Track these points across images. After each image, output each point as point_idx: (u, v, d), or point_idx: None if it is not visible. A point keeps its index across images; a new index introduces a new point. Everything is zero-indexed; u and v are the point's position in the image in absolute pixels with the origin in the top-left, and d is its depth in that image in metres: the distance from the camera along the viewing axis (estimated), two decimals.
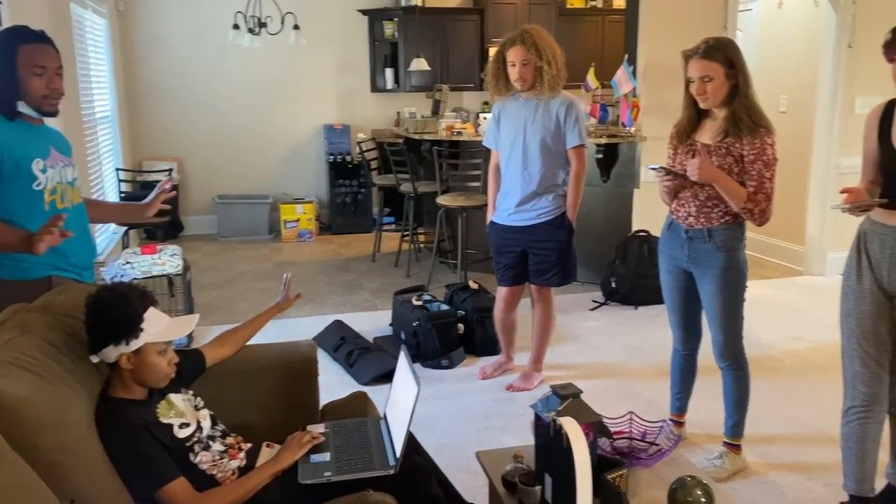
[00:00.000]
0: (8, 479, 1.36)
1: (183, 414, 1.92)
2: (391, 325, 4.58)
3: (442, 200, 5.34)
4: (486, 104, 7.89)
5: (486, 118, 6.14)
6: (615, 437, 2.19)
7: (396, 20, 7.66)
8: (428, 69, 7.35)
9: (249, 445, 2.08)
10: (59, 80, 2.31)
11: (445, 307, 4.28)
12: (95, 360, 1.82)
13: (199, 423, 1.96)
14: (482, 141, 3.82)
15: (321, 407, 2.41)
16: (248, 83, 7.59)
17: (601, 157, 5.36)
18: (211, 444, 1.95)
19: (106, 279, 3.94)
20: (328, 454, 2.03)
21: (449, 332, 4.14)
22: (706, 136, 2.74)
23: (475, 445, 2.80)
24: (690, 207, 2.76)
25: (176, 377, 1.96)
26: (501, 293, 3.80)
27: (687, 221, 2.79)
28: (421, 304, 4.27)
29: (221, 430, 2.04)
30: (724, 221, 2.72)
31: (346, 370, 3.98)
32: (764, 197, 2.64)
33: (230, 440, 2.04)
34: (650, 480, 2.02)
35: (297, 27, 6.26)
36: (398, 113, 7.80)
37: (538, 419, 1.92)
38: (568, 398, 1.89)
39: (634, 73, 5.28)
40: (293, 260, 6.59)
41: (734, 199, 2.64)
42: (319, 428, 2.16)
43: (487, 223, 3.75)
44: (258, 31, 6.20)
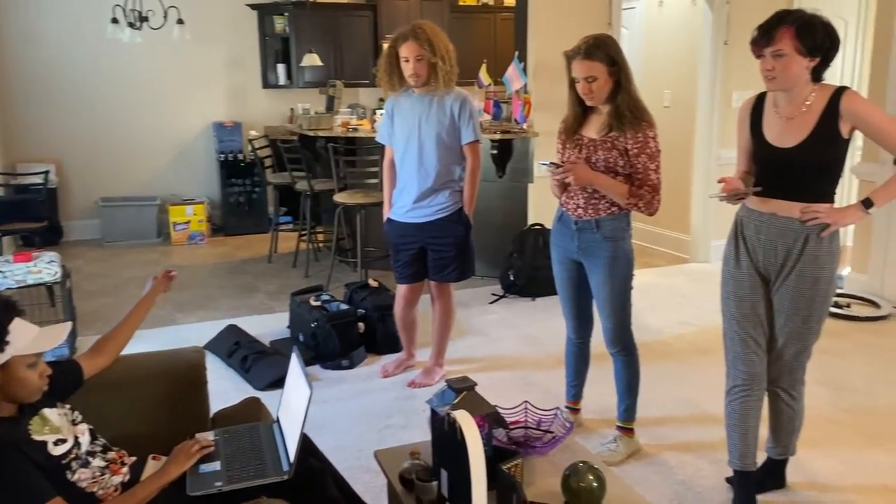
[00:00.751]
0: None
1: (58, 430, 1.80)
2: (289, 327, 4.47)
3: (339, 198, 5.27)
4: (382, 100, 7.83)
5: (382, 114, 6.10)
6: (511, 427, 2.21)
7: (287, 15, 7.50)
8: (321, 65, 7.24)
9: (134, 459, 1.98)
10: None
11: (345, 306, 4.22)
12: None
13: (76, 438, 1.84)
14: (376, 136, 3.79)
15: (212, 415, 2.32)
16: (130, 80, 7.24)
17: (496, 152, 5.42)
18: (90, 460, 1.84)
19: None
20: (218, 463, 1.95)
21: (349, 331, 4.09)
22: (592, 130, 2.81)
23: (376, 445, 2.78)
24: (579, 200, 2.84)
25: (50, 391, 1.84)
26: (401, 290, 3.78)
27: (576, 213, 2.86)
28: (319, 304, 4.20)
29: (102, 444, 1.93)
30: (610, 212, 2.80)
31: (241, 376, 3.86)
32: (649, 189, 2.74)
33: (112, 455, 1.93)
34: (545, 468, 2.05)
35: (181, 21, 6.02)
36: (291, 109, 7.63)
37: (434, 414, 1.91)
38: (463, 391, 1.89)
39: (525, 69, 5.37)
40: (184, 263, 6.35)
41: (616, 196, 2.75)
42: (209, 436, 2.08)
43: (384, 220, 3.72)
44: (139, 25, 5.92)
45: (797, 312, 2.43)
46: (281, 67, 7.64)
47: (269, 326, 4.56)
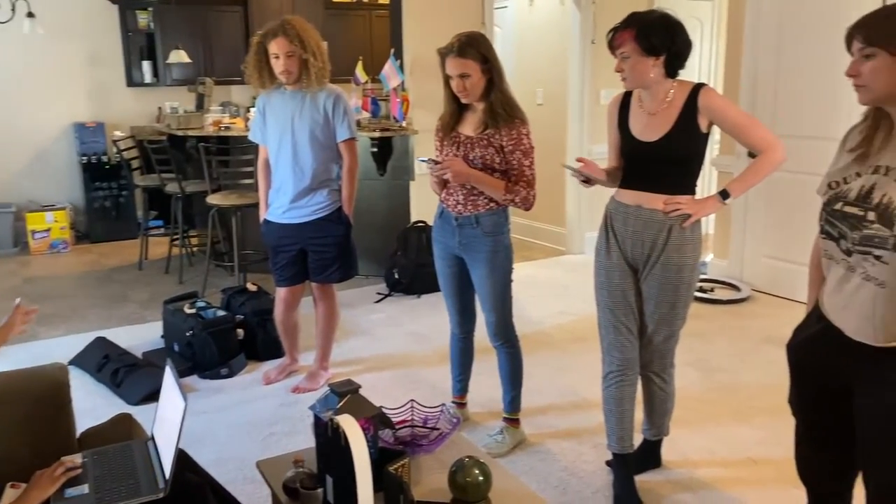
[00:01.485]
0: None
1: None
2: (163, 337, 4.27)
3: (213, 200, 5.07)
4: (255, 98, 7.61)
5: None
6: (397, 426, 2.20)
7: (151, 10, 7.15)
8: (189, 62, 6.95)
9: None
10: None
11: (222, 313, 4.07)
12: None
13: None
14: (249, 136, 3.67)
15: (79, 435, 2.17)
16: None
17: (376, 150, 5.39)
18: None
19: None
20: (87, 486, 1.83)
21: (227, 338, 3.94)
22: (469, 128, 2.85)
23: (260, 454, 2.70)
24: (458, 196, 2.87)
25: None
26: (281, 294, 3.68)
27: (456, 210, 2.89)
28: (195, 311, 4.03)
29: None
30: (489, 208, 2.85)
31: (112, 391, 3.65)
32: (525, 184, 2.81)
33: None
34: (432, 466, 2.05)
35: (31, 14, 5.63)
36: (159, 108, 7.30)
37: (317, 420, 1.87)
38: (347, 395, 1.86)
39: (402, 67, 5.37)
40: (45, 274, 5.93)
41: (494, 192, 2.81)
42: (77, 458, 1.94)
43: (261, 222, 3.61)
44: None
45: (665, 299, 2.55)
46: (146, 65, 7.28)
47: (141, 337, 4.34)
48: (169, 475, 1.82)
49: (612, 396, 2.66)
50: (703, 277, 5.18)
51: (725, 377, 3.78)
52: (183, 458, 1.95)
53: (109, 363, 3.78)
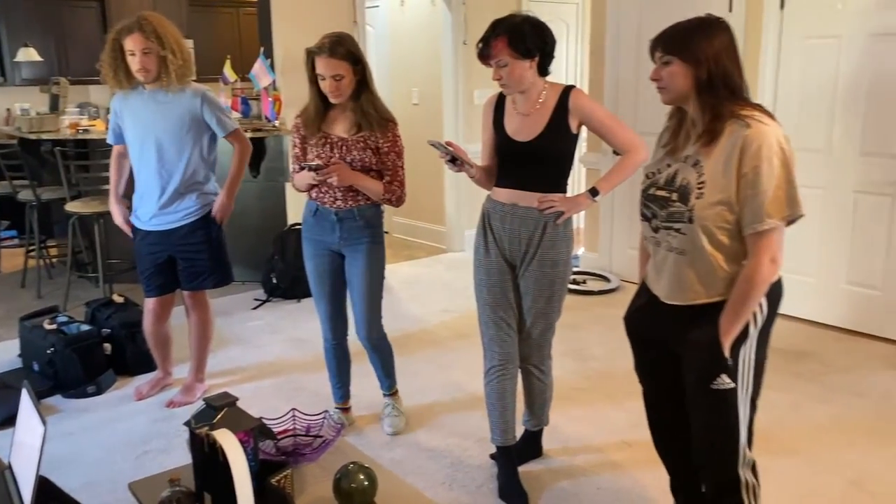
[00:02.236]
0: None
1: None
2: (20, 356, 3.96)
3: (73, 207, 4.76)
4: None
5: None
6: (279, 436, 2.15)
7: None
8: (41, 60, 6.49)
9: None
10: None
11: (86, 327, 3.83)
12: None
13: None
14: (107, 138, 3.47)
15: None
16: None
17: None
18: None
19: None
20: None
21: (93, 354, 3.72)
22: (339, 128, 2.87)
23: (133, 475, 2.57)
24: (336, 193, 2.90)
25: None
26: (149, 305, 3.50)
27: (335, 205, 2.91)
28: (55, 327, 3.77)
29: None
30: (369, 201, 2.94)
31: None
32: (398, 184, 2.91)
33: None
34: (316, 474, 2.01)
35: None
36: (8, 110, 6.76)
37: (192, 436, 1.79)
38: (223, 408, 1.79)
39: (272, 66, 5.24)
40: None
41: (372, 194, 2.90)
42: None
43: (114, 218, 3.42)
44: None
45: (542, 293, 2.62)
46: None
47: None
48: None
49: (494, 391, 2.71)
50: (575, 270, 5.38)
51: (599, 364, 3.95)
52: (45, 486, 1.82)
53: None
